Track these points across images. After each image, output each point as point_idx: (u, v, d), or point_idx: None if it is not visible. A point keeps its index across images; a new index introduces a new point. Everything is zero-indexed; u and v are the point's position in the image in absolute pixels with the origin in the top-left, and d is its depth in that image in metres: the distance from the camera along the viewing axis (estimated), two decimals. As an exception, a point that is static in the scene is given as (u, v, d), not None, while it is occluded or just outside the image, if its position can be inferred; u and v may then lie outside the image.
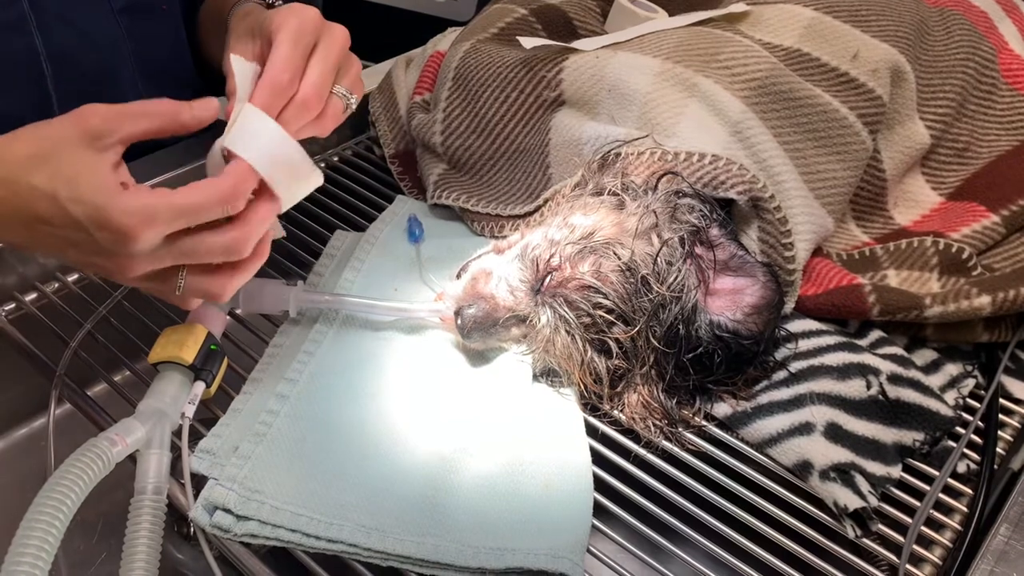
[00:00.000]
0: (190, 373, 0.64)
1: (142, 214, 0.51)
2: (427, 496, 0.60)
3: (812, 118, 0.79)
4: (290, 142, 0.58)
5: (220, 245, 0.56)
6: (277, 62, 0.59)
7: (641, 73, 0.80)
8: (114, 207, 0.51)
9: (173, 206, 0.52)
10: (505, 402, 0.69)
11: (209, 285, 0.59)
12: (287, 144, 0.58)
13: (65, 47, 0.79)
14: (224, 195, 0.54)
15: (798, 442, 0.63)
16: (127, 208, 0.51)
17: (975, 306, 0.69)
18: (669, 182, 0.72)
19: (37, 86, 0.79)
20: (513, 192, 0.87)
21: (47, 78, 0.79)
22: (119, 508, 0.57)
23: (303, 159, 0.59)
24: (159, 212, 0.51)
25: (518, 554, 0.56)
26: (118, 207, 0.51)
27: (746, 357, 0.68)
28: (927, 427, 0.65)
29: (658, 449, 0.65)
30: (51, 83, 0.79)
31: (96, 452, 0.54)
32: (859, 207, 0.88)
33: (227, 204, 0.54)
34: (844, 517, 0.60)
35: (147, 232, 0.51)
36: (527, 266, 0.70)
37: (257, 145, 0.57)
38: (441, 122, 0.90)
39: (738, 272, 0.69)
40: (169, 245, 0.54)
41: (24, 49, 0.76)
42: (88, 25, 0.80)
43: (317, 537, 0.56)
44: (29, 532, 0.48)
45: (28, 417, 0.90)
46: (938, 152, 0.89)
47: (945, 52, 0.89)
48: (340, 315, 0.74)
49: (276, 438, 0.62)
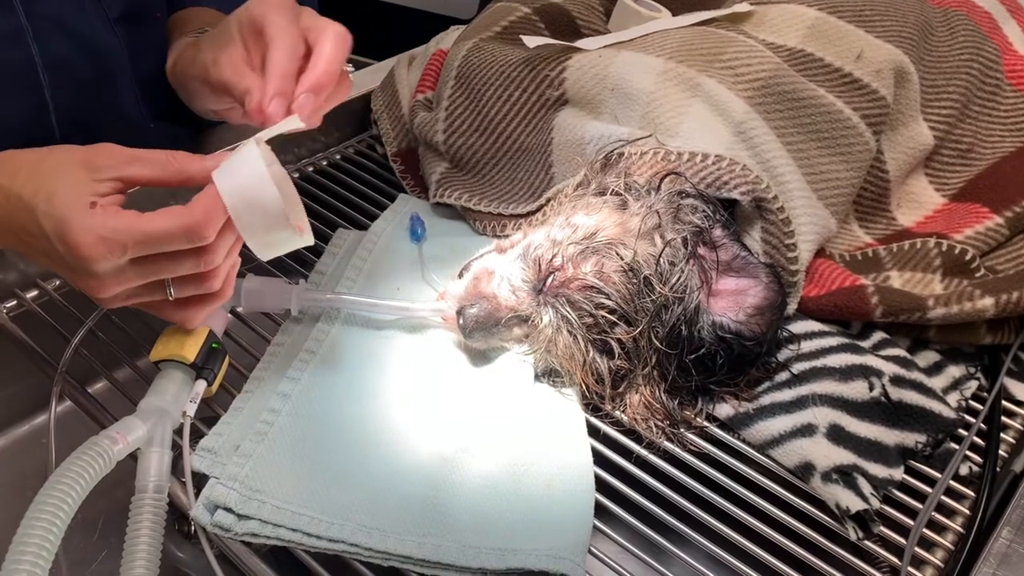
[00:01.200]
0: (191, 371, 0.64)
1: (101, 235, 0.51)
2: (428, 496, 0.60)
3: (815, 119, 0.79)
4: (269, 189, 0.55)
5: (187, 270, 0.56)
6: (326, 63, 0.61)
7: (644, 72, 0.80)
8: (75, 224, 0.51)
9: (135, 232, 0.52)
10: (507, 402, 0.68)
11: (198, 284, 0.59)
12: (265, 190, 0.55)
13: (62, 56, 0.79)
14: (189, 226, 0.53)
15: (800, 443, 0.63)
16: (87, 227, 0.51)
17: (978, 308, 0.69)
18: (672, 182, 0.72)
19: (34, 95, 0.79)
20: (515, 191, 0.87)
21: (44, 87, 0.79)
22: (120, 506, 0.57)
23: (277, 212, 0.56)
24: (119, 236, 0.52)
25: (519, 554, 0.56)
26: (79, 224, 0.51)
27: (748, 358, 0.67)
28: (929, 429, 0.65)
29: (660, 450, 0.65)
30: (48, 92, 0.79)
31: (97, 450, 0.54)
32: (862, 208, 0.88)
33: (193, 236, 0.54)
34: (846, 519, 0.59)
35: (105, 254, 0.52)
36: (529, 266, 0.70)
37: (234, 181, 0.55)
38: (443, 120, 0.89)
39: (741, 273, 0.69)
40: (136, 267, 0.54)
41: (21, 59, 0.76)
42: (85, 34, 0.80)
43: (318, 537, 0.56)
44: (30, 530, 0.48)
45: (29, 414, 0.90)
46: (941, 153, 0.89)
47: (949, 53, 0.89)
48: (342, 314, 0.74)
49: (277, 437, 0.62)
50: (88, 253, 0.51)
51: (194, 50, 0.75)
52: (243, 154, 0.56)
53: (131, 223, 0.52)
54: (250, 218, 0.56)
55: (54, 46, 0.77)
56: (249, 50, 0.65)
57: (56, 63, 0.78)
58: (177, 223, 0.53)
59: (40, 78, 0.78)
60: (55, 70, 0.79)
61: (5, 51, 0.75)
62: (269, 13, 0.63)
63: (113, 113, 0.87)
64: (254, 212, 0.56)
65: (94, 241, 0.51)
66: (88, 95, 0.83)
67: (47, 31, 0.76)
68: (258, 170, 0.55)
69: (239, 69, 0.64)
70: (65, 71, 0.80)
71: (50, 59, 0.78)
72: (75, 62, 0.80)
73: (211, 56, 0.67)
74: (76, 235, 0.51)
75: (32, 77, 0.78)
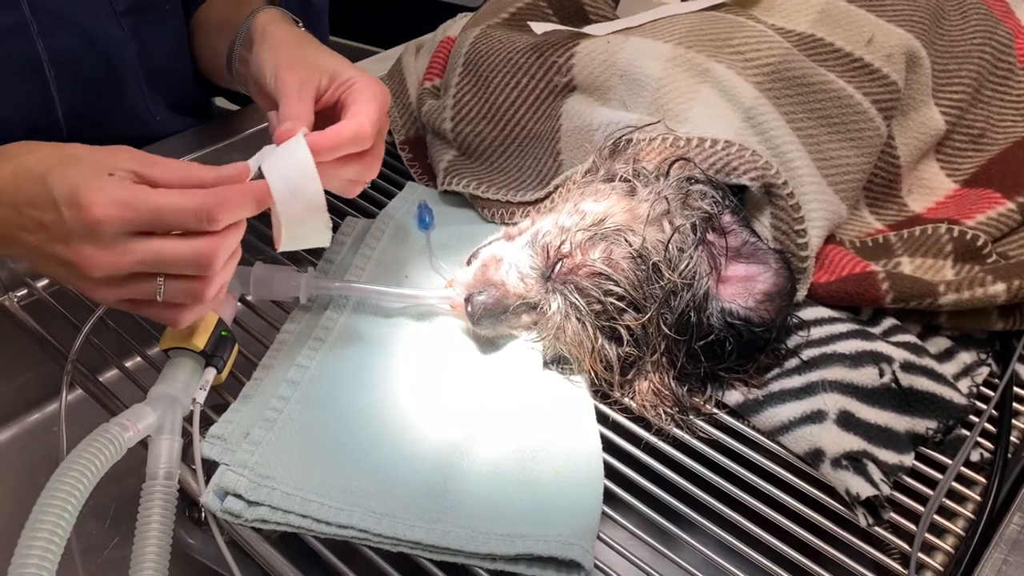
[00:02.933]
0: (201, 359, 0.64)
1: (115, 199, 0.51)
2: (437, 482, 0.60)
3: (825, 104, 0.78)
4: (314, 180, 0.58)
5: (188, 254, 0.55)
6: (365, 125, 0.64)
7: (653, 58, 0.79)
8: (91, 185, 0.51)
9: (150, 201, 0.52)
10: (515, 389, 0.68)
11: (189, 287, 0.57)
12: (310, 180, 0.58)
13: (68, 51, 0.79)
14: (203, 206, 0.53)
15: (810, 430, 0.63)
16: (102, 188, 0.51)
17: (990, 294, 0.69)
18: (681, 168, 0.71)
19: (40, 89, 0.79)
20: (524, 178, 0.87)
21: (50, 81, 0.79)
22: (131, 493, 0.57)
23: (319, 204, 0.59)
24: (133, 202, 0.52)
25: (528, 540, 0.56)
26: (95, 185, 0.51)
27: (758, 345, 0.67)
28: (940, 415, 0.65)
29: (669, 437, 0.65)
30: (54, 87, 0.79)
31: (108, 437, 0.54)
32: (873, 194, 0.87)
33: (205, 217, 0.53)
34: (856, 505, 0.59)
35: (116, 217, 0.51)
36: (538, 253, 0.70)
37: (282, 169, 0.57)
38: (451, 108, 0.89)
39: (750, 259, 0.69)
40: (138, 246, 0.53)
41: (26, 53, 0.76)
42: (91, 28, 0.79)
43: (327, 523, 0.56)
44: (42, 517, 0.49)
45: (40, 402, 0.91)
46: (953, 138, 0.88)
47: (961, 37, 0.88)
48: (351, 302, 0.74)
49: (287, 424, 0.62)
50: (99, 215, 0.51)
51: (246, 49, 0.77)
52: (291, 146, 0.58)
53: (147, 192, 0.52)
54: (291, 206, 0.58)
55: (59, 40, 0.77)
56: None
57: (61, 57, 0.78)
58: (193, 200, 0.53)
59: (46, 72, 0.78)
60: (61, 64, 0.78)
61: (9, 46, 0.75)
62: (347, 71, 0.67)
63: (120, 106, 0.87)
64: (296, 200, 0.58)
65: (107, 202, 0.51)
66: (95, 89, 0.83)
67: (52, 25, 0.76)
68: (305, 161, 0.58)
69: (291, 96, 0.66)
70: (71, 65, 0.80)
71: (55, 53, 0.78)
72: (81, 56, 0.80)
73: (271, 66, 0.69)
74: (90, 195, 0.51)
75: (37, 72, 0.78)
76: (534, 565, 0.56)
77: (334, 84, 0.67)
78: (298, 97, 0.65)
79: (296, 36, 0.75)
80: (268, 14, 0.79)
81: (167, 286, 0.56)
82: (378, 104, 0.65)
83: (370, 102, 0.65)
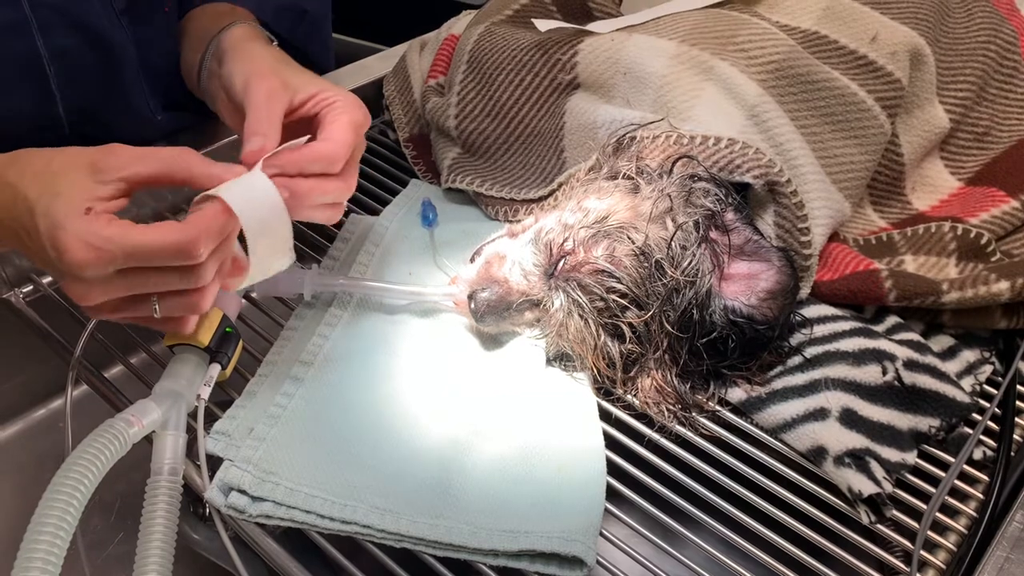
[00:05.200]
0: (206, 355, 0.64)
1: (91, 243, 0.50)
2: (440, 478, 0.60)
3: (830, 101, 0.78)
4: (284, 218, 0.58)
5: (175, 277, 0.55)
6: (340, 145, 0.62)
7: (657, 56, 0.79)
8: (67, 228, 0.51)
9: (126, 243, 0.51)
10: (518, 386, 0.69)
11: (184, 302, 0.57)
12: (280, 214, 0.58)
13: (67, 48, 0.78)
14: (182, 243, 0.52)
15: (812, 428, 0.63)
16: (78, 233, 0.51)
17: (993, 292, 0.69)
18: (684, 166, 0.71)
19: (40, 86, 0.79)
20: (527, 176, 0.87)
21: (50, 78, 0.79)
22: (136, 488, 0.57)
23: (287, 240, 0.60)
24: (109, 245, 0.51)
25: (531, 537, 0.56)
26: (71, 229, 0.51)
27: (761, 342, 0.67)
28: (943, 413, 0.65)
29: (671, 434, 0.65)
30: (54, 83, 0.79)
31: (113, 433, 0.54)
32: (876, 192, 0.87)
33: (184, 253, 0.53)
34: (858, 503, 0.59)
35: (93, 261, 0.51)
36: (541, 250, 0.70)
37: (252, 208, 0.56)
38: (455, 106, 0.89)
39: (753, 257, 0.69)
40: (123, 279, 0.53)
41: (26, 51, 0.76)
42: (91, 25, 0.79)
43: (331, 518, 0.57)
44: (47, 511, 0.49)
45: (46, 398, 0.91)
46: (957, 136, 0.88)
47: (966, 34, 0.88)
48: (354, 298, 0.74)
49: (291, 420, 0.63)
50: (75, 259, 0.50)
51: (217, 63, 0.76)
52: (255, 182, 0.57)
53: (123, 233, 0.51)
54: (260, 242, 0.58)
55: (59, 38, 0.77)
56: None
57: (61, 55, 0.78)
58: (170, 238, 0.52)
59: (46, 69, 0.78)
60: (61, 62, 0.78)
61: (9, 43, 0.74)
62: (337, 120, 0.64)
63: (121, 104, 0.87)
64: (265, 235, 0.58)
65: (83, 247, 0.50)
66: (95, 86, 0.83)
67: (52, 22, 0.76)
68: (274, 199, 0.57)
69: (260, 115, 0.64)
70: (71, 62, 0.79)
71: (55, 51, 0.77)
72: (81, 53, 0.80)
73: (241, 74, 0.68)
74: (66, 240, 0.50)
75: (37, 69, 0.77)
76: (537, 561, 0.56)
77: (313, 99, 0.65)
78: (266, 108, 0.63)
79: (273, 53, 0.73)
80: (244, 29, 0.78)
81: (161, 304, 0.57)
82: (355, 126, 0.64)
83: (347, 124, 0.63)
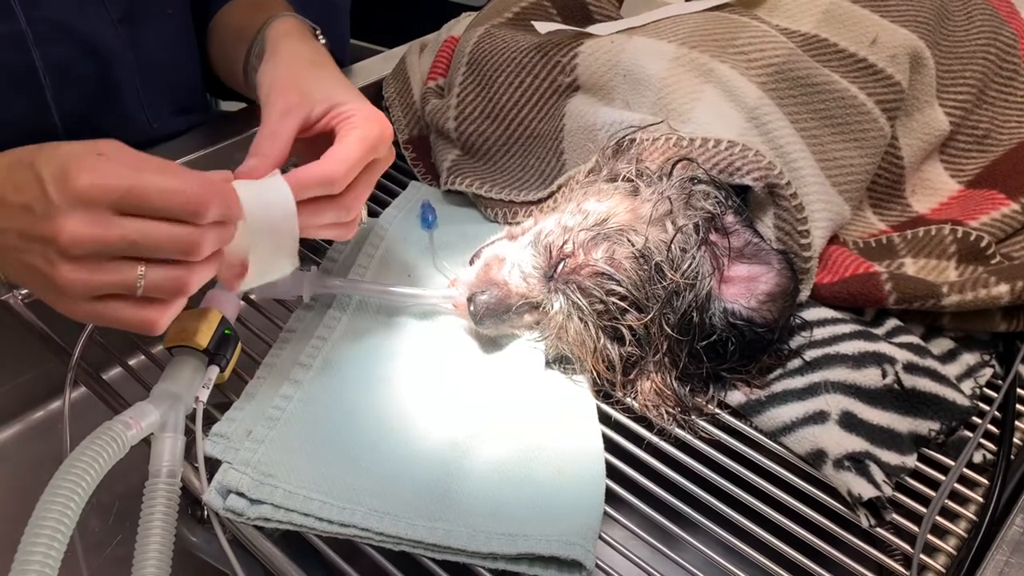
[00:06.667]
0: (204, 357, 0.64)
1: (102, 170, 0.49)
2: (439, 481, 0.60)
3: (829, 104, 0.78)
4: (294, 223, 0.58)
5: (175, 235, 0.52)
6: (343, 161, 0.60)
7: (657, 58, 0.79)
8: (79, 161, 0.49)
9: (138, 179, 0.50)
10: (517, 388, 0.69)
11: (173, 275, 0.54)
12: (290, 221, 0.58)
13: (64, 59, 0.78)
14: (192, 194, 0.51)
15: (812, 431, 0.63)
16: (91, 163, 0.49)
17: (993, 295, 0.68)
18: (684, 168, 0.71)
19: (35, 97, 0.78)
20: (527, 178, 0.87)
21: (46, 89, 0.78)
22: (134, 491, 0.57)
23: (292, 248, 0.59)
24: (121, 178, 0.49)
25: (530, 540, 0.56)
26: (83, 161, 0.49)
27: (760, 345, 0.67)
28: (943, 417, 0.65)
29: (671, 437, 0.65)
30: (50, 94, 0.79)
31: (111, 435, 0.54)
32: (876, 194, 0.87)
33: (192, 206, 0.51)
34: (858, 506, 0.59)
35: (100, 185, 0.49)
36: (540, 252, 0.70)
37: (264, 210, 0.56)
38: (455, 108, 0.89)
39: (753, 259, 0.68)
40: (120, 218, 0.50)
41: (22, 63, 0.76)
42: (87, 36, 0.79)
43: (329, 521, 0.57)
44: (45, 513, 0.49)
45: (44, 400, 0.91)
46: (957, 139, 0.88)
47: (966, 37, 0.88)
48: (354, 300, 0.74)
49: (289, 423, 0.63)
50: (85, 182, 0.48)
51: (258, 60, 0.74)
52: (271, 184, 0.57)
53: (137, 171, 0.50)
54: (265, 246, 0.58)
55: (55, 49, 0.77)
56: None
57: (58, 66, 0.78)
58: (181, 184, 0.51)
59: (42, 81, 0.78)
60: (57, 73, 0.78)
61: (5, 55, 0.74)
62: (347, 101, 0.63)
63: (117, 113, 0.87)
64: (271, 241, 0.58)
65: (94, 174, 0.49)
66: (91, 96, 0.83)
67: (48, 34, 0.76)
68: (285, 205, 0.57)
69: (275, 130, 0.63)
70: (67, 73, 0.79)
71: (51, 62, 0.77)
72: (77, 64, 0.80)
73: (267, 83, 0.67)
74: (78, 168, 0.49)
75: (33, 80, 0.77)
76: (536, 564, 0.56)
77: (330, 113, 0.64)
78: (277, 126, 0.62)
79: (306, 54, 0.72)
80: (284, 24, 0.76)
81: (148, 275, 0.52)
82: (366, 145, 0.61)
83: (356, 143, 0.61)
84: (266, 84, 0.66)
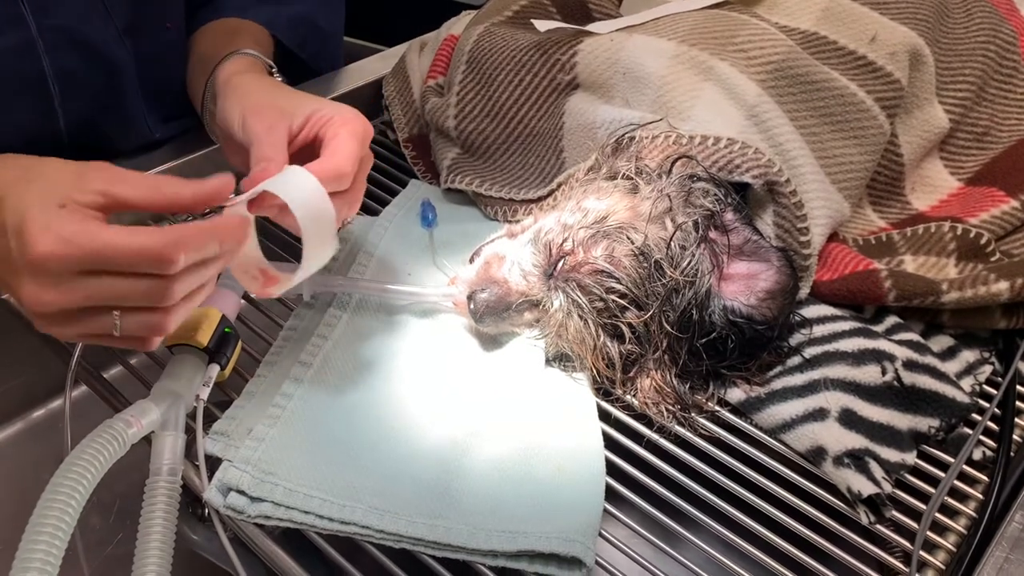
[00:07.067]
0: (204, 356, 0.64)
1: (60, 235, 0.48)
2: (439, 479, 0.60)
3: (829, 102, 0.78)
4: (330, 203, 0.58)
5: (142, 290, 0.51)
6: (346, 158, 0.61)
7: (656, 56, 0.79)
8: (37, 218, 0.48)
9: (96, 240, 0.48)
10: (517, 386, 0.69)
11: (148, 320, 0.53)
12: (327, 202, 0.58)
13: (72, 67, 0.79)
14: (156, 249, 0.49)
15: (812, 428, 0.63)
16: (47, 223, 0.48)
17: (993, 292, 0.68)
18: (684, 166, 0.71)
19: (44, 104, 0.80)
20: (527, 176, 0.87)
21: (54, 97, 0.79)
22: (135, 489, 0.57)
23: (332, 228, 0.59)
24: (78, 239, 0.48)
25: (530, 537, 0.56)
26: (41, 219, 0.48)
27: (760, 342, 0.67)
28: (943, 413, 0.65)
29: (671, 434, 0.65)
30: (58, 101, 0.80)
31: (112, 433, 0.54)
32: (876, 192, 0.87)
33: (158, 261, 0.49)
34: (858, 503, 0.59)
35: (57, 254, 0.48)
36: (540, 250, 0.70)
37: (301, 196, 0.56)
38: (455, 106, 0.89)
39: (752, 257, 0.69)
40: (86, 282, 0.50)
41: (32, 70, 0.76)
42: (95, 45, 0.80)
43: (330, 519, 0.57)
44: (46, 512, 0.49)
45: (45, 399, 0.91)
46: (957, 136, 0.88)
47: (965, 35, 0.88)
48: (354, 299, 0.74)
49: (290, 421, 0.63)
50: (42, 251, 0.47)
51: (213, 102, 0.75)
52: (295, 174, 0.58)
53: (95, 230, 0.49)
54: (315, 233, 0.58)
55: (64, 58, 0.78)
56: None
57: (66, 74, 0.79)
58: (145, 243, 0.49)
59: (51, 89, 0.79)
60: (65, 81, 0.79)
61: (16, 63, 0.75)
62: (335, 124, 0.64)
63: (121, 121, 0.88)
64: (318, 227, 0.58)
65: (50, 238, 0.47)
66: (97, 104, 0.84)
67: (58, 43, 0.77)
68: (317, 189, 0.57)
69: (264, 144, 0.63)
70: (75, 81, 0.80)
71: (60, 70, 0.78)
72: (85, 73, 0.81)
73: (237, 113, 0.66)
74: (34, 230, 0.47)
75: (42, 88, 0.78)
76: (536, 562, 0.56)
77: (310, 122, 0.64)
78: (268, 140, 0.62)
79: (264, 83, 0.72)
80: (235, 63, 0.76)
81: (123, 320, 0.52)
82: (358, 140, 0.62)
83: (349, 138, 0.62)
84: (236, 113, 0.66)
